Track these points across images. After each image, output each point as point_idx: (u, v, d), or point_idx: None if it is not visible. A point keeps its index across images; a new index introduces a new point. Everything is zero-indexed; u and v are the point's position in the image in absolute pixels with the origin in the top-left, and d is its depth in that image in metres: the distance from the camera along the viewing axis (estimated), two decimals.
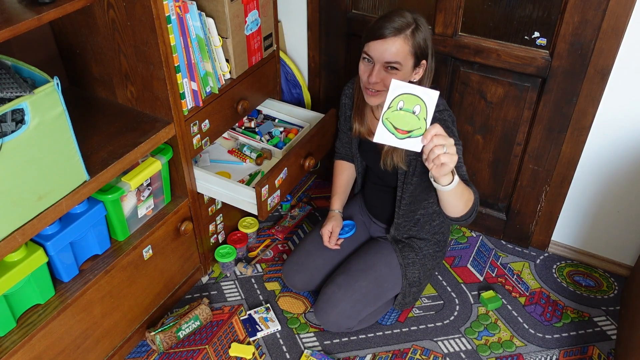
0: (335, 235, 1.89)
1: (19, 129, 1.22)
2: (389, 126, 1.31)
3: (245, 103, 1.93)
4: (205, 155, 2.05)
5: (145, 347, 1.87)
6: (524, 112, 1.92)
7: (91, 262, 1.62)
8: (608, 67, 1.71)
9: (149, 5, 1.45)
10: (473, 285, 2.08)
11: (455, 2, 1.83)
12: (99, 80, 1.75)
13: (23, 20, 1.21)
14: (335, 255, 1.94)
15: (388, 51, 1.46)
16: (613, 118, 1.81)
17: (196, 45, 1.65)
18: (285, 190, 1.90)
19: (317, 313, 1.83)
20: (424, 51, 1.51)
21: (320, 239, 1.95)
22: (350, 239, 1.96)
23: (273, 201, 1.84)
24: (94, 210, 1.55)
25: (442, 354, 1.84)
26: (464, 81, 1.97)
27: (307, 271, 1.92)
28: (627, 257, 2.06)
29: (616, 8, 1.60)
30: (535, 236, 2.19)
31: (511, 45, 1.83)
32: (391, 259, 1.83)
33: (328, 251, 1.93)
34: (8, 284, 1.35)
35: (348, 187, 2.00)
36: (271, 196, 1.81)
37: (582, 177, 1.97)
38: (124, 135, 1.62)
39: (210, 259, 2.12)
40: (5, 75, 1.28)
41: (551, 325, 1.93)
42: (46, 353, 1.50)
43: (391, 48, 1.46)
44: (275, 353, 1.85)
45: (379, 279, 1.81)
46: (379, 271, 1.81)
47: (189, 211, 1.89)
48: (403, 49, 1.46)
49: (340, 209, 1.95)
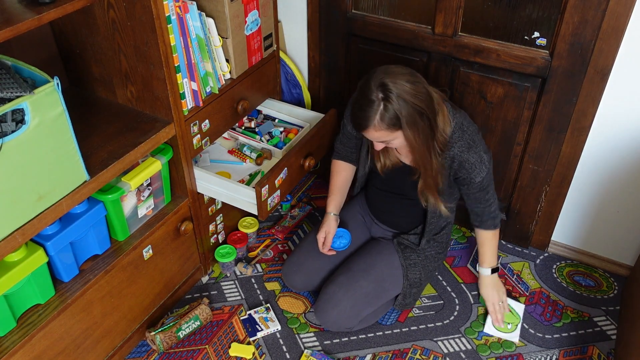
0: (328, 241, 1.88)
1: (19, 129, 1.22)
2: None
3: (245, 103, 1.93)
4: (205, 155, 2.06)
5: (145, 347, 1.87)
6: (524, 112, 1.93)
7: (91, 262, 1.62)
8: (608, 67, 1.71)
9: (149, 5, 1.45)
10: (473, 285, 2.08)
11: (455, 2, 1.83)
12: (99, 80, 1.75)
13: (23, 20, 1.21)
14: (335, 256, 1.94)
15: (372, 137, 1.55)
16: (613, 118, 1.81)
17: (196, 45, 1.65)
18: (285, 190, 1.90)
19: (317, 312, 1.83)
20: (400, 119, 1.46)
21: None
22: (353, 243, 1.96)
23: (273, 201, 1.84)
24: (94, 210, 1.55)
25: (442, 354, 1.84)
26: (464, 81, 1.97)
27: (306, 271, 1.92)
28: (627, 257, 2.06)
29: (616, 8, 1.60)
30: (535, 236, 2.19)
31: (511, 45, 1.83)
32: (392, 259, 1.84)
33: None
34: (8, 284, 1.35)
35: (345, 188, 1.99)
36: (271, 196, 1.81)
37: (582, 177, 1.97)
38: (124, 135, 1.62)
39: (210, 259, 2.12)
40: (5, 75, 1.28)
41: (551, 325, 1.93)
42: (46, 353, 1.50)
43: (373, 135, 1.53)
44: (275, 353, 1.85)
45: (379, 279, 1.81)
46: (380, 271, 1.81)
47: (189, 211, 1.89)
48: (380, 134, 1.51)
49: (336, 212, 1.92)
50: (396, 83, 1.45)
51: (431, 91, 1.55)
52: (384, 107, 1.46)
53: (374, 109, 1.46)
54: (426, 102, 1.50)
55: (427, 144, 1.55)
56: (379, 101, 1.46)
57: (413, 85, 1.47)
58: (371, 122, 1.48)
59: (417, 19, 1.95)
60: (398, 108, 1.45)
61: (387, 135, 1.52)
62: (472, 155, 1.61)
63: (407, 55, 2.02)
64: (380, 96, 1.46)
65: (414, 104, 1.47)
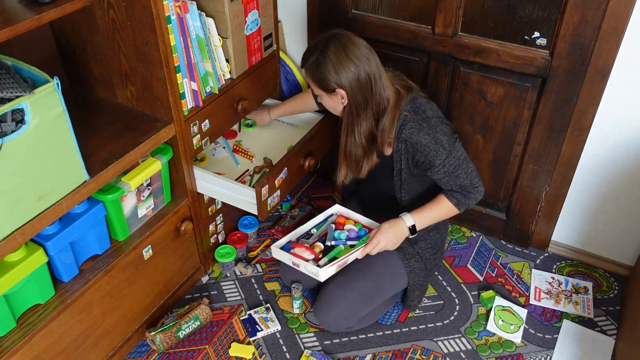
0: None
1: (19, 129, 1.22)
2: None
3: (245, 103, 1.93)
4: (219, 148, 2.07)
5: (145, 347, 1.87)
6: (524, 112, 1.92)
7: (91, 262, 1.62)
8: (608, 67, 1.71)
9: (149, 5, 1.45)
10: (473, 285, 2.08)
11: (455, 2, 1.83)
12: (99, 80, 1.75)
13: (23, 20, 1.21)
14: None
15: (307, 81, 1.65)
16: (613, 118, 1.81)
17: (196, 45, 1.65)
18: (285, 190, 1.90)
19: (316, 312, 1.83)
20: (327, 82, 1.55)
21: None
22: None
23: (273, 201, 1.84)
24: (94, 210, 1.55)
25: (442, 354, 1.84)
26: (464, 81, 1.97)
27: None
28: (627, 257, 2.06)
29: (616, 8, 1.60)
30: (535, 236, 2.19)
31: (511, 45, 1.83)
32: (389, 257, 1.83)
33: None
34: (8, 284, 1.35)
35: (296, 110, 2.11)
36: (271, 196, 1.81)
37: (582, 177, 1.97)
38: (124, 135, 1.62)
39: (210, 259, 2.12)
40: (5, 75, 1.28)
41: (551, 325, 1.93)
42: (46, 353, 1.50)
43: (306, 79, 1.64)
44: (275, 353, 1.85)
45: (377, 278, 1.81)
46: (378, 270, 1.81)
47: (189, 211, 1.89)
48: (309, 80, 1.61)
49: (274, 116, 2.11)
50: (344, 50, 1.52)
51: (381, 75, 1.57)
52: (315, 60, 1.54)
53: (311, 54, 1.56)
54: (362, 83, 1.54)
55: (350, 119, 1.61)
56: (318, 52, 1.54)
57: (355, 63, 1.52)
58: (303, 64, 1.60)
59: (417, 19, 1.95)
60: (325, 71, 1.53)
61: (313, 86, 1.61)
62: (423, 136, 1.60)
63: (407, 55, 2.03)
64: (318, 52, 1.54)
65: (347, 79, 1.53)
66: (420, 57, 2.01)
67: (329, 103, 1.64)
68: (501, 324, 1.91)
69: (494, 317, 1.92)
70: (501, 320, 1.92)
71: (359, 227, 1.83)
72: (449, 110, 2.06)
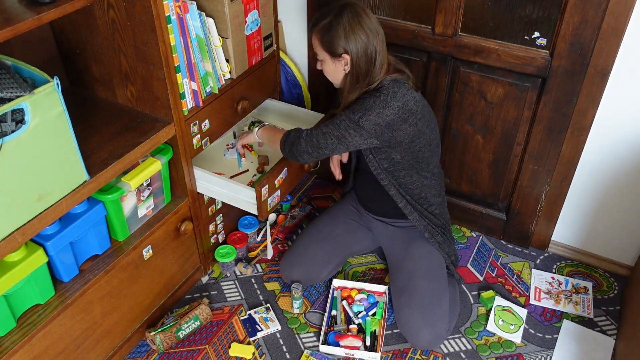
0: None
1: (19, 129, 1.22)
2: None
3: (245, 103, 1.93)
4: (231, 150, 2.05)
5: (145, 347, 1.87)
6: (524, 112, 1.92)
7: (91, 262, 1.62)
8: (608, 67, 1.71)
9: (149, 5, 1.45)
10: (473, 285, 2.08)
11: (455, 2, 1.83)
12: (99, 80, 1.75)
13: (23, 20, 1.21)
14: (332, 248, 1.96)
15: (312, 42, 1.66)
16: (613, 118, 1.81)
17: (196, 45, 1.65)
18: (285, 190, 1.90)
19: (410, 339, 1.80)
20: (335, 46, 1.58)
21: (317, 232, 1.97)
22: (350, 237, 1.97)
23: (273, 201, 1.84)
24: (94, 210, 1.55)
25: (442, 354, 1.84)
26: (464, 81, 1.97)
27: (304, 264, 1.94)
28: (627, 257, 2.06)
29: (616, 8, 1.60)
30: (535, 236, 2.19)
31: (511, 45, 1.83)
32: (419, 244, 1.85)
33: (325, 244, 1.96)
34: (8, 284, 1.35)
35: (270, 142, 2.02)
36: (271, 196, 1.81)
37: (582, 177, 1.97)
38: (124, 135, 1.62)
39: (210, 259, 2.12)
40: (5, 75, 1.28)
41: (551, 325, 1.93)
42: (46, 353, 1.50)
43: (313, 41, 1.65)
44: (275, 353, 1.85)
45: (426, 270, 1.81)
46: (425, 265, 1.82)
47: (189, 211, 1.89)
48: (315, 42, 1.63)
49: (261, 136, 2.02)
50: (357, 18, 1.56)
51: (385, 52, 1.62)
52: (329, 22, 1.57)
53: (324, 17, 1.59)
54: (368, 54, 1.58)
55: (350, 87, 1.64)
56: (330, 17, 1.57)
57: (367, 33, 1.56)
58: (314, 26, 1.62)
59: (417, 19, 1.95)
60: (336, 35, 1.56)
61: (318, 49, 1.64)
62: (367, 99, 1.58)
63: (407, 55, 2.03)
64: (332, 15, 1.57)
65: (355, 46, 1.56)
66: (420, 57, 2.01)
67: (330, 68, 1.66)
68: (501, 324, 1.91)
69: (494, 317, 1.92)
70: (501, 320, 1.92)
71: (365, 293, 1.98)
72: (449, 110, 2.06)
